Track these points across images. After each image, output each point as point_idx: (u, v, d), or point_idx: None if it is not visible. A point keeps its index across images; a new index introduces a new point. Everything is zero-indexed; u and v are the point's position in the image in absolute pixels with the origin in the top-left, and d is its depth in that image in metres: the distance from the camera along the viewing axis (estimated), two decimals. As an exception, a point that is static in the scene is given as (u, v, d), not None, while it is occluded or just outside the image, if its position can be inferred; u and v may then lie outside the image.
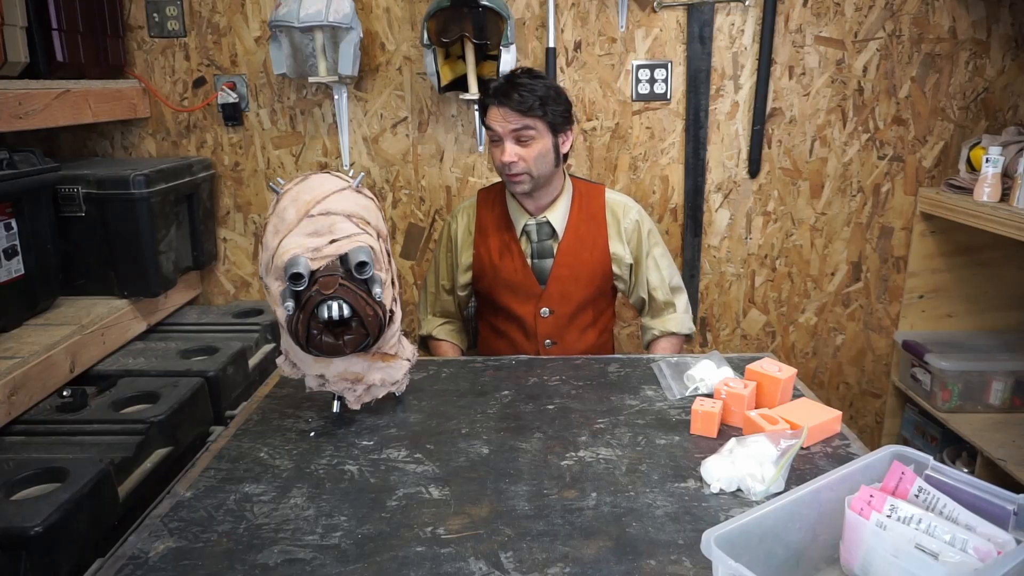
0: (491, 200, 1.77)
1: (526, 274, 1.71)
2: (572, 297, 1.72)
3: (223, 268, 2.40)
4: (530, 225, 1.71)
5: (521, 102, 1.56)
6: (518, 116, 1.57)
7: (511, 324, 1.76)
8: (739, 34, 2.16)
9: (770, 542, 0.83)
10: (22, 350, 1.55)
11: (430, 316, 1.88)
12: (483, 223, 1.76)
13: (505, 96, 1.57)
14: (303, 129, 2.28)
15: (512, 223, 1.73)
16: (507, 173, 1.62)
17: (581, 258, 1.71)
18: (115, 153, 2.31)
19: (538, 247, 1.71)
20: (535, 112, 1.57)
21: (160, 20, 2.19)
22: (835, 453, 1.18)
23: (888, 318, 2.37)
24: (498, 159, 1.61)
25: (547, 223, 1.71)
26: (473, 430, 1.26)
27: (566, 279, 1.71)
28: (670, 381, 1.42)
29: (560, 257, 1.70)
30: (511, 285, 1.72)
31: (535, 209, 1.71)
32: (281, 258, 1.10)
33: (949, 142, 2.22)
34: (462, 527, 0.99)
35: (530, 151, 1.60)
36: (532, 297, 1.72)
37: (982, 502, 0.84)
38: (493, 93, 1.60)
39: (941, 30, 2.14)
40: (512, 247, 1.72)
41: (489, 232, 1.74)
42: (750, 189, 2.28)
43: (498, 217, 1.74)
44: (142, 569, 0.92)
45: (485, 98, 1.62)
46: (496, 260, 1.72)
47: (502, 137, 1.60)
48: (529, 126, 1.58)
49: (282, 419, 1.32)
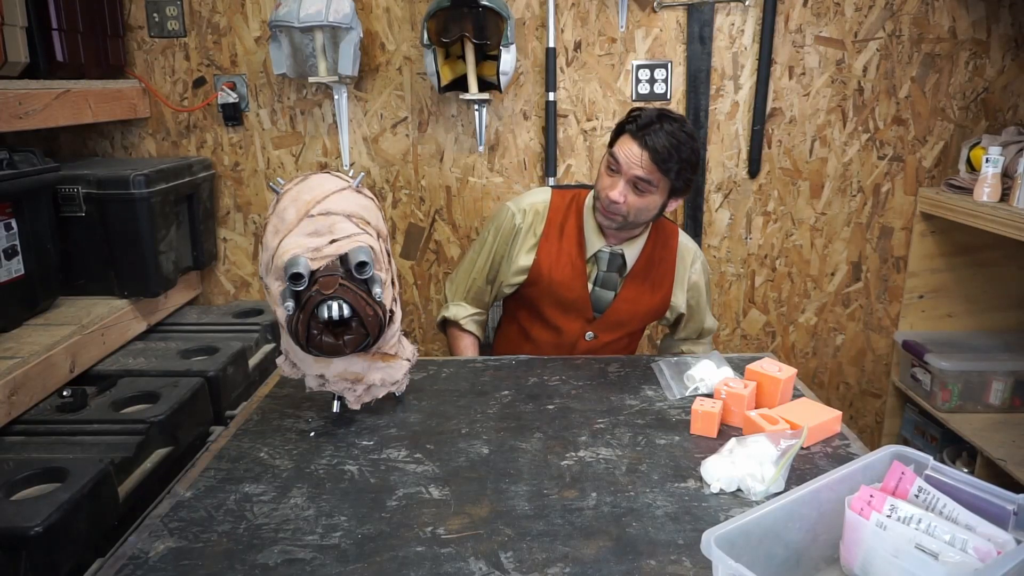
0: (566, 208, 1.66)
1: (584, 298, 1.64)
2: (622, 328, 1.69)
3: (223, 268, 2.41)
4: (603, 253, 1.63)
5: (665, 157, 1.45)
6: (652, 167, 1.46)
7: (547, 333, 1.70)
8: (739, 34, 2.16)
9: (770, 542, 0.84)
10: (22, 350, 1.55)
11: (461, 301, 1.76)
12: (552, 231, 1.64)
13: (654, 140, 1.44)
14: (303, 129, 2.28)
15: (585, 243, 1.63)
16: (605, 207, 1.52)
17: (642, 300, 1.66)
18: (115, 153, 2.31)
19: (604, 277, 1.64)
20: (669, 171, 1.47)
21: (160, 20, 2.19)
22: (835, 453, 1.18)
23: (888, 318, 2.37)
24: (605, 189, 1.51)
25: (621, 255, 1.63)
26: (473, 430, 1.26)
27: (623, 313, 1.66)
28: (670, 381, 1.42)
29: (624, 293, 1.64)
30: (563, 303, 1.65)
31: (613, 239, 1.62)
32: (281, 258, 1.10)
33: (949, 142, 2.22)
34: (462, 527, 0.99)
35: (639, 201, 1.50)
36: (582, 319, 1.66)
37: (982, 502, 0.84)
38: (643, 129, 1.45)
39: (941, 30, 2.14)
40: (578, 267, 1.63)
41: (556, 243, 1.63)
42: (750, 189, 2.28)
43: (571, 231, 1.63)
44: (142, 569, 0.92)
45: (630, 127, 1.48)
46: (556, 275, 1.63)
47: (623, 173, 1.48)
48: (655, 181, 1.48)
49: (282, 419, 1.32)
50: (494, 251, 1.70)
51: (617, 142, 1.51)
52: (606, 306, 1.65)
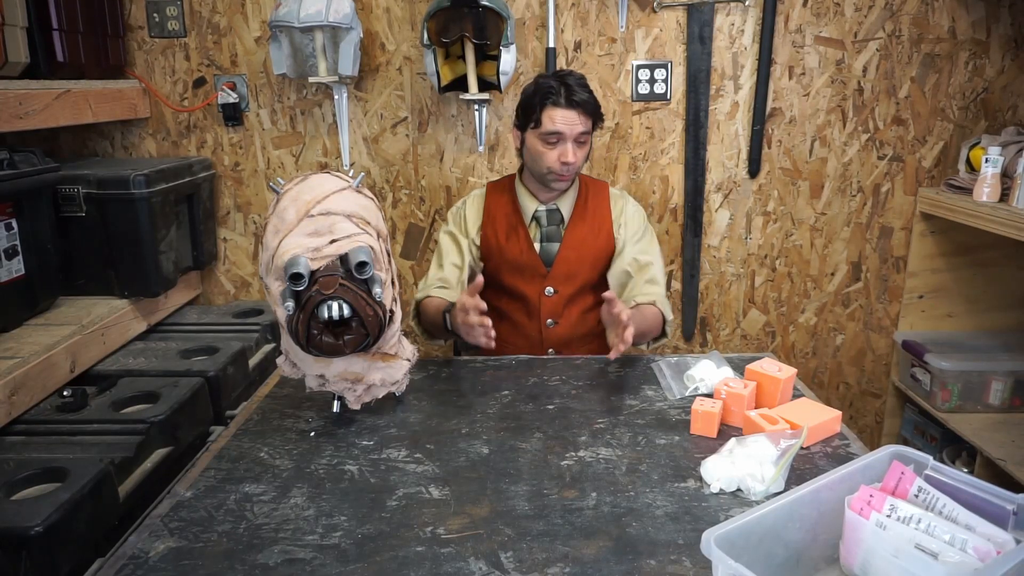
0: (500, 188, 1.81)
1: (532, 256, 1.74)
2: (576, 278, 1.75)
3: (223, 268, 2.41)
4: (540, 211, 1.75)
5: (593, 104, 1.61)
6: (586, 119, 1.61)
7: (515, 304, 1.78)
8: (739, 34, 2.16)
9: (770, 542, 0.84)
10: (22, 350, 1.55)
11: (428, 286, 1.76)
12: (492, 209, 1.79)
13: (579, 96, 1.59)
14: (303, 129, 2.28)
15: (521, 209, 1.77)
16: (560, 173, 1.65)
17: (587, 242, 1.75)
18: (115, 153, 2.31)
19: (546, 231, 1.76)
20: (595, 113, 1.63)
21: (160, 20, 2.19)
22: (835, 453, 1.18)
23: (888, 318, 2.37)
24: (553, 160, 1.63)
25: (556, 210, 1.76)
26: (473, 430, 1.26)
27: (572, 261, 1.74)
28: (670, 381, 1.42)
29: (567, 239, 1.75)
30: (517, 266, 1.75)
31: (546, 198, 1.76)
32: (281, 258, 1.10)
33: (949, 142, 2.22)
34: (462, 527, 0.99)
35: (583, 150, 1.65)
36: (537, 277, 1.74)
37: (982, 502, 0.84)
38: (566, 95, 1.59)
39: (941, 30, 2.14)
40: (520, 231, 1.75)
41: (498, 217, 1.77)
42: (750, 189, 2.28)
43: (507, 204, 1.78)
44: (142, 569, 0.92)
45: (551, 99, 1.60)
46: (503, 242, 1.75)
47: (566, 138, 1.61)
48: (589, 128, 1.63)
49: (282, 419, 1.32)
50: (456, 240, 1.79)
51: (543, 118, 1.61)
52: (555, 258, 1.74)
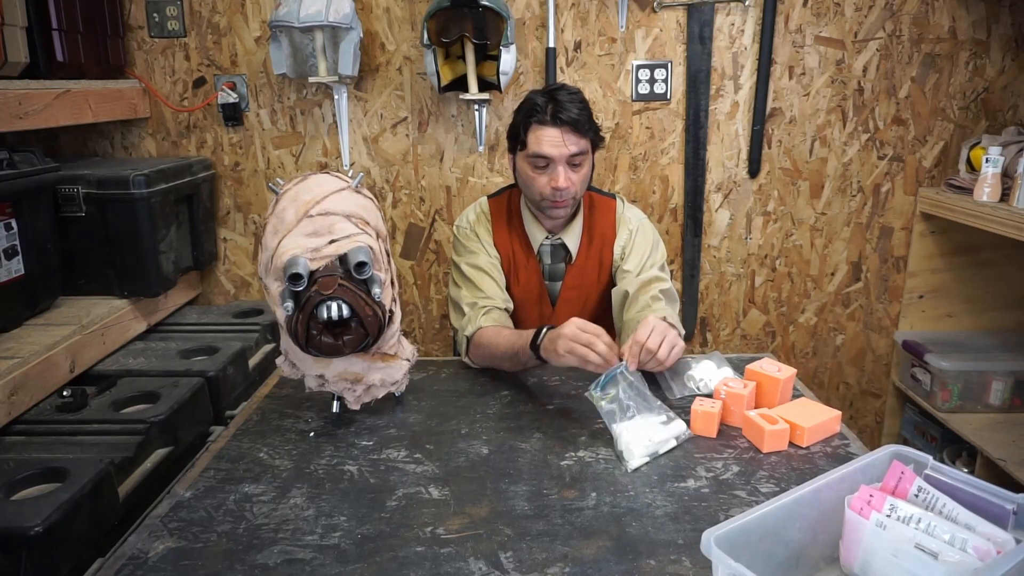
0: (504, 211, 1.64)
1: (541, 293, 1.64)
2: (578, 311, 1.64)
3: (223, 268, 2.41)
4: (545, 246, 1.61)
5: (582, 121, 1.43)
6: (577, 137, 1.44)
7: (514, 318, 1.69)
8: (739, 34, 2.16)
9: (770, 542, 0.84)
10: (22, 350, 1.55)
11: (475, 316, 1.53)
12: (500, 236, 1.63)
13: (566, 114, 1.41)
14: (303, 129, 2.28)
15: (529, 240, 1.61)
16: (554, 200, 1.48)
17: (589, 280, 1.64)
18: (115, 153, 2.31)
19: (550, 269, 1.63)
20: (588, 131, 1.45)
21: (160, 20, 2.19)
22: (835, 453, 1.18)
23: (888, 318, 2.37)
24: (545, 186, 1.47)
25: (562, 245, 1.61)
26: (473, 430, 1.26)
27: (573, 300, 1.64)
28: (670, 381, 1.42)
29: (569, 279, 1.63)
30: (524, 299, 1.64)
31: (551, 226, 1.60)
32: (280, 258, 1.10)
33: (949, 142, 2.22)
34: (462, 527, 0.99)
35: (580, 174, 1.48)
36: (543, 317, 1.64)
37: (982, 502, 0.84)
38: (552, 112, 1.42)
39: (941, 30, 2.14)
40: (530, 264, 1.62)
41: (506, 246, 1.63)
42: (750, 189, 2.28)
43: (515, 231, 1.62)
44: (142, 569, 0.92)
45: (536, 116, 1.44)
46: (513, 274, 1.63)
47: (556, 162, 1.44)
48: (583, 148, 1.46)
49: (282, 419, 1.32)
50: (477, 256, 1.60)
51: (529, 140, 1.46)
52: (557, 298, 1.64)
